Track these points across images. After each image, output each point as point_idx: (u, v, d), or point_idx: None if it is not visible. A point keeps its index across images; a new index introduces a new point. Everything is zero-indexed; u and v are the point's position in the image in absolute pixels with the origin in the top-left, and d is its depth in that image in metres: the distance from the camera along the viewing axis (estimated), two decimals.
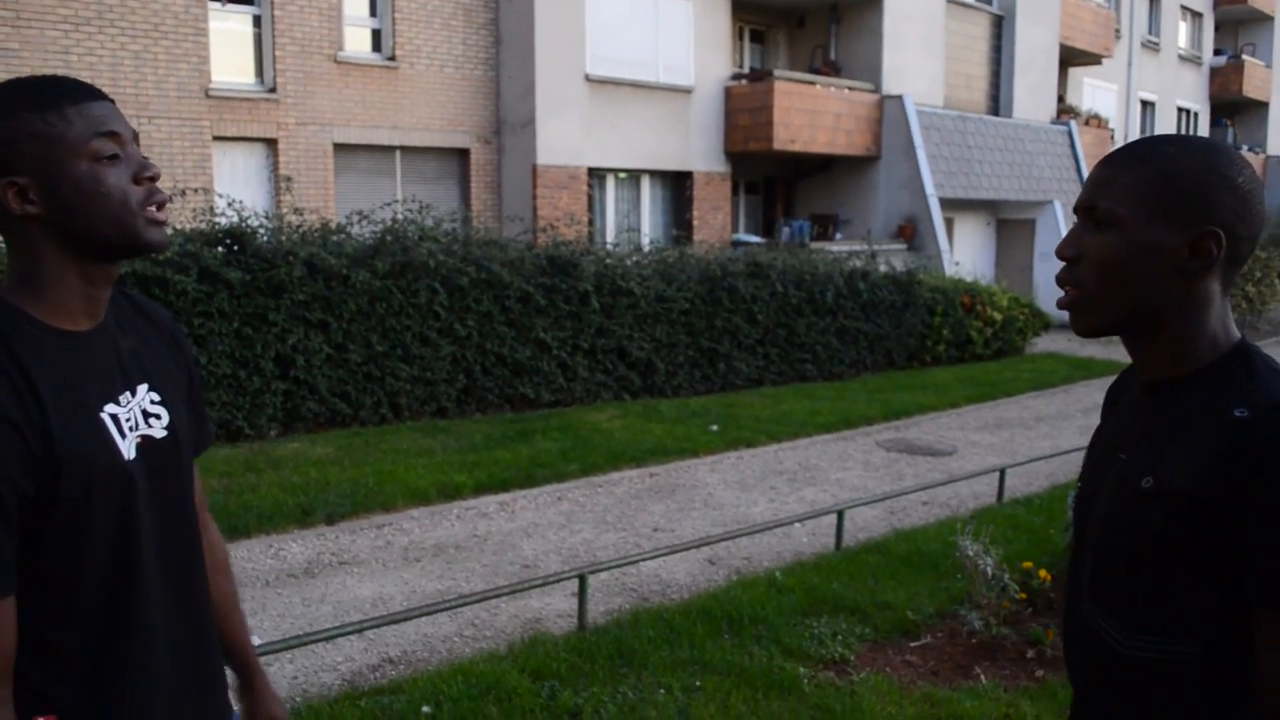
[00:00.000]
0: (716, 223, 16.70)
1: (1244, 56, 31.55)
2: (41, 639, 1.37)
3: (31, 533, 1.33)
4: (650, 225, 16.20)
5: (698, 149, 16.33)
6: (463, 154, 14.59)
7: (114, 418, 1.42)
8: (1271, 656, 1.18)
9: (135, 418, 1.46)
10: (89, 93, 1.39)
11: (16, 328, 1.35)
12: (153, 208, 1.40)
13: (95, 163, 1.35)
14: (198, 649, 1.58)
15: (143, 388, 1.49)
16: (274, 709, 1.82)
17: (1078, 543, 1.44)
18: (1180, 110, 30.20)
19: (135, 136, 1.43)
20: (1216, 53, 31.98)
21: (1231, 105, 32.97)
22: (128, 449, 1.42)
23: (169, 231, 1.49)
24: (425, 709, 3.99)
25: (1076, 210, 1.34)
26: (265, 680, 1.84)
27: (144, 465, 1.45)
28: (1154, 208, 1.25)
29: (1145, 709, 1.29)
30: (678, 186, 16.53)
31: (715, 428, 9.79)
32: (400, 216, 9.82)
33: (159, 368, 1.55)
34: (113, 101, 1.43)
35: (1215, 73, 31.49)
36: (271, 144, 12.84)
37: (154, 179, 1.41)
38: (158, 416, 1.50)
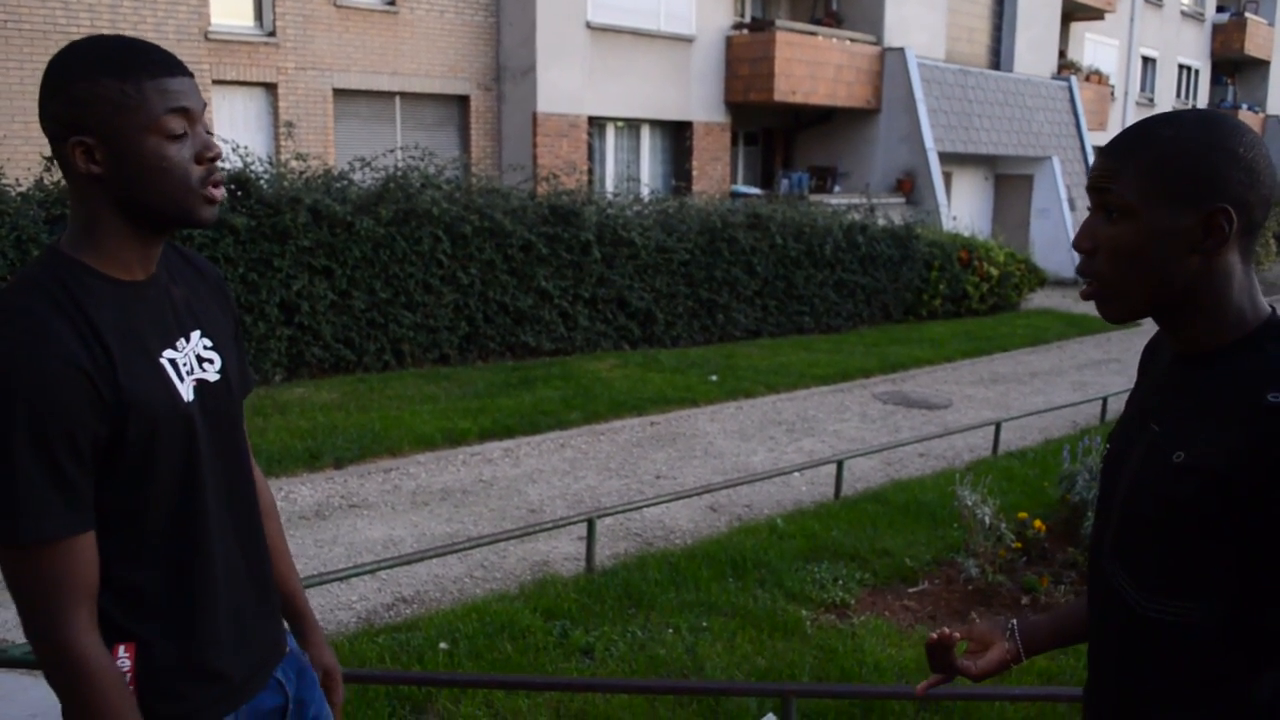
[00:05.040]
0: (715, 173, 16.69)
1: (1247, 14, 31.36)
2: (114, 575, 1.45)
3: (102, 474, 1.41)
4: (649, 175, 16.18)
5: (698, 99, 16.27)
6: (463, 101, 14.53)
7: (172, 362, 1.50)
8: None
9: (191, 362, 1.54)
10: (169, 67, 1.42)
11: (79, 279, 1.42)
12: (210, 187, 1.46)
13: (162, 139, 1.40)
14: (257, 580, 1.67)
15: (195, 334, 1.57)
16: (327, 659, 1.88)
17: (1103, 501, 1.45)
18: (1181, 67, 30.08)
19: (204, 108, 1.48)
20: (1219, 9, 31.77)
21: (1233, 63, 32.83)
22: (186, 392, 1.50)
23: (218, 210, 1.54)
24: (442, 645, 4.13)
25: (1089, 191, 1.34)
26: (319, 629, 1.90)
27: (201, 407, 1.53)
28: (1161, 193, 1.25)
29: (1164, 667, 1.32)
30: (677, 136, 16.49)
31: (714, 378, 9.90)
32: (402, 164, 9.83)
33: (209, 315, 1.63)
34: (191, 75, 1.46)
35: (1217, 30, 31.31)
36: (271, 88, 12.77)
37: (215, 159, 1.47)
38: (210, 361, 1.58)
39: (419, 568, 5.12)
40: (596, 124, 15.39)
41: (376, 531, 5.70)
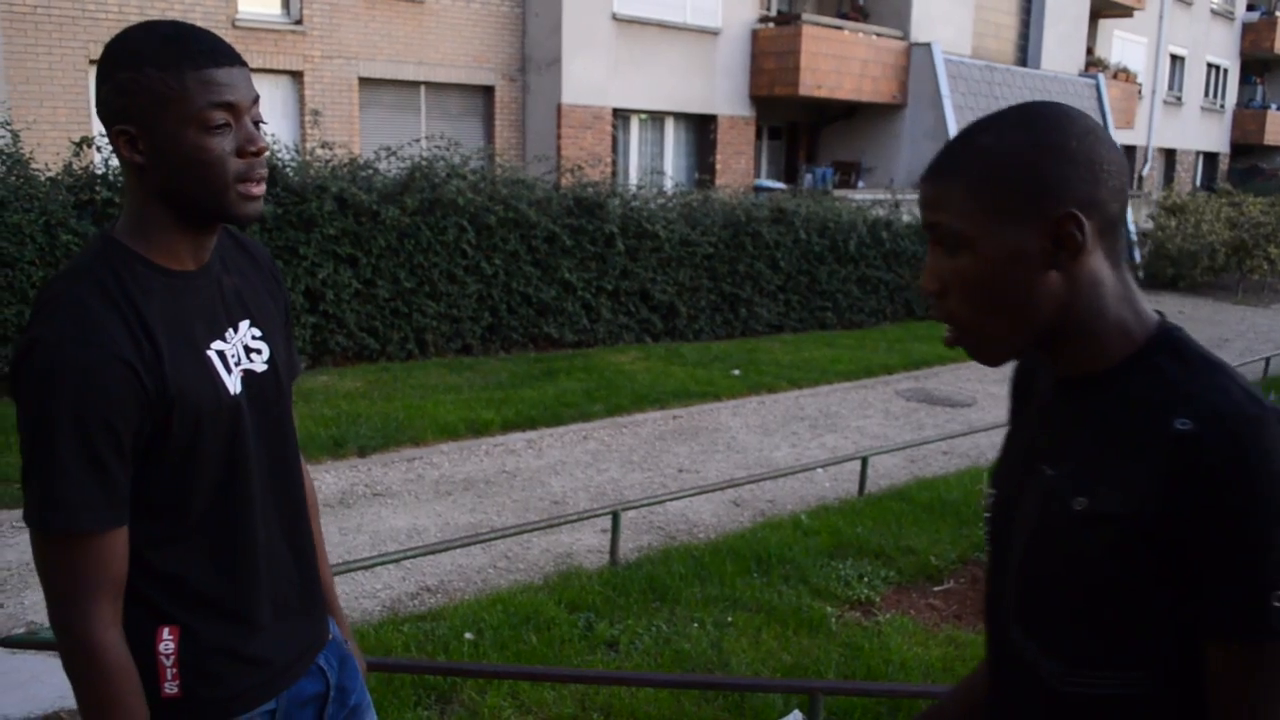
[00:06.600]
0: (739, 167, 16.63)
1: (1277, 13, 30.99)
2: (158, 560, 1.46)
3: (145, 464, 1.41)
4: (673, 168, 16.14)
5: (722, 92, 16.21)
6: (488, 91, 14.52)
7: (220, 354, 1.49)
8: (1225, 695, 1.04)
9: (239, 353, 1.53)
10: (215, 57, 1.39)
11: (130, 268, 1.41)
12: (249, 183, 1.43)
13: (202, 131, 1.37)
14: (301, 568, 1.67)
15: (245, 324, 1.56)
16: (354, 654, 1.86)
17: (997, 563, 1.25)
18: (1210, 66, 29.77)
19: (256, 100, 1.45)
20: (1250, 8, 31.43)
21: (1262, 62, 32.46)
22: (233, 384, 1.49)
23: (260, 206, 1.50)
24: (468, 635, 4.13)
25: (923, 227, 1.18)
26: (345, 624, 1.90)
27: (248, 398, 1.52)
28: (994, 212, 1.09)
29: None
30: (701, 130, 16.44)
31: (737, 372, 9.87)
32: (427, 153, 9.84)
33: (260, 304, 1.61)
34: (244, 65, 1.43)
35: (1247, 28, 30.97)
36: (297, 77, 12.79)
37: (258, 154, 1.43)
38: (259, 351, 1.57)
39: (443, 557, 5.12)
40: (621, 116, 15.35)
41: (400, 520, 5.71)
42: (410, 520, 5.72)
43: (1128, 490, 1.05)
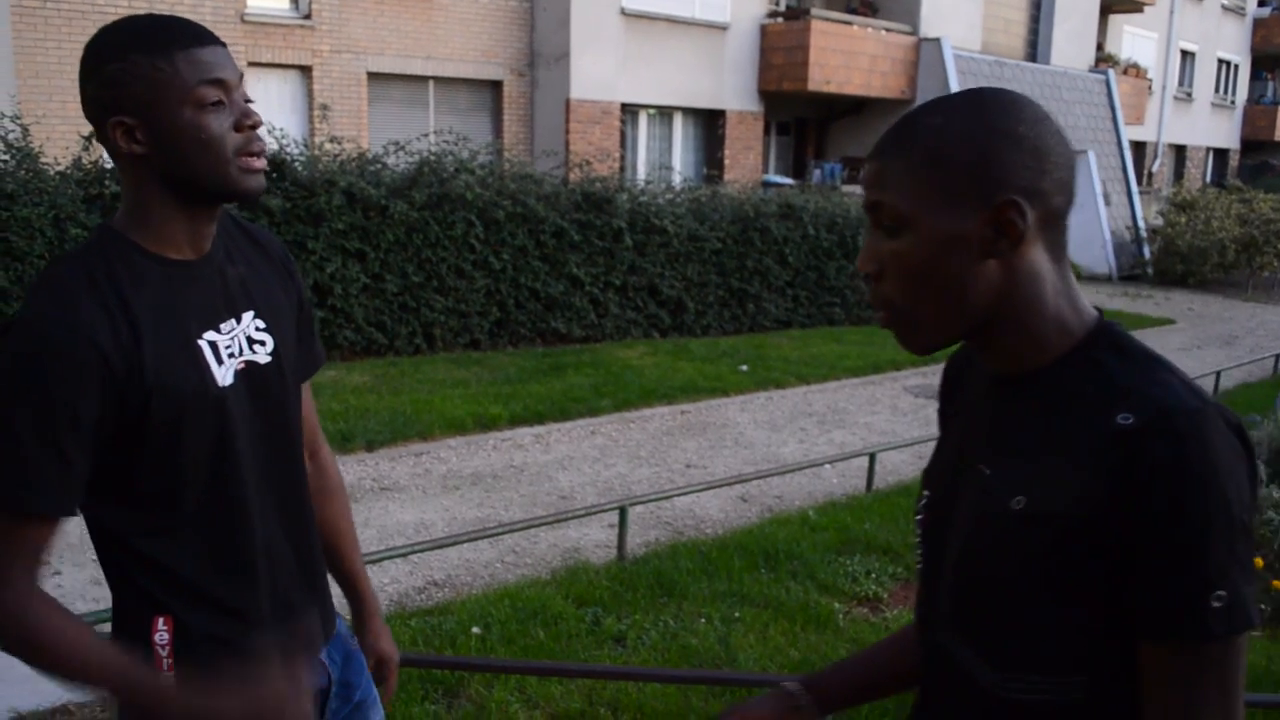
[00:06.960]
0: (748, 162, 16.61)
1: None
2: (149, 551, 1.45)
3: (126, 452, 1.40)
4: (681, 163, 16.12)
5: (731, 87, 16.18)
6: (496, 86, 14.52)
7: (212, 345, 1.47)
8: (1162, 697, 1.02)
9: (239, 344, 1.51)
10: (200, 38, 1.40)
11: (124, 256, 1.41)
12: (250, 157, 1.43)
13: (199, 110, 1.38)
14: (303, 564, 1.65)
15: (248, 315, 1.54)
16: (385, 646, 1.86)
17: (930, 562, 1.22)
18: (1221, 62, 29.64)
19: (241, 78, 1.46)
20: (1260, 4, 31.27)
21: (1273, 58, 32.28)
22: (224, 376, 1.47)
23: (263, 180, 1.50)
24: (475, 630, 4.13)
25: (864, 207, 1.14)
26: (379, 615, 1.88)
27: (245, 391, 1.51)
28: (938, 194, 1.06)
29: None
30: (710, 125, 16.42)
31: (745, 368, 9.87)
32: (436, 148, 9.84)
33: (267, 294, 1.59)
34: (224, 45, 1.45)
35: (1259, 24, 30.82)
36: (306, 71, 12.80)
37: (255, 127, 1.44)
38: (262, 343, 1.55)
39: (450, 552, 5.12)
40: (629, 111, 15.34)
41: (408, 515, 5.72)
42: (418, 515, 5.73)
43: (1068, 488, 1.02)
